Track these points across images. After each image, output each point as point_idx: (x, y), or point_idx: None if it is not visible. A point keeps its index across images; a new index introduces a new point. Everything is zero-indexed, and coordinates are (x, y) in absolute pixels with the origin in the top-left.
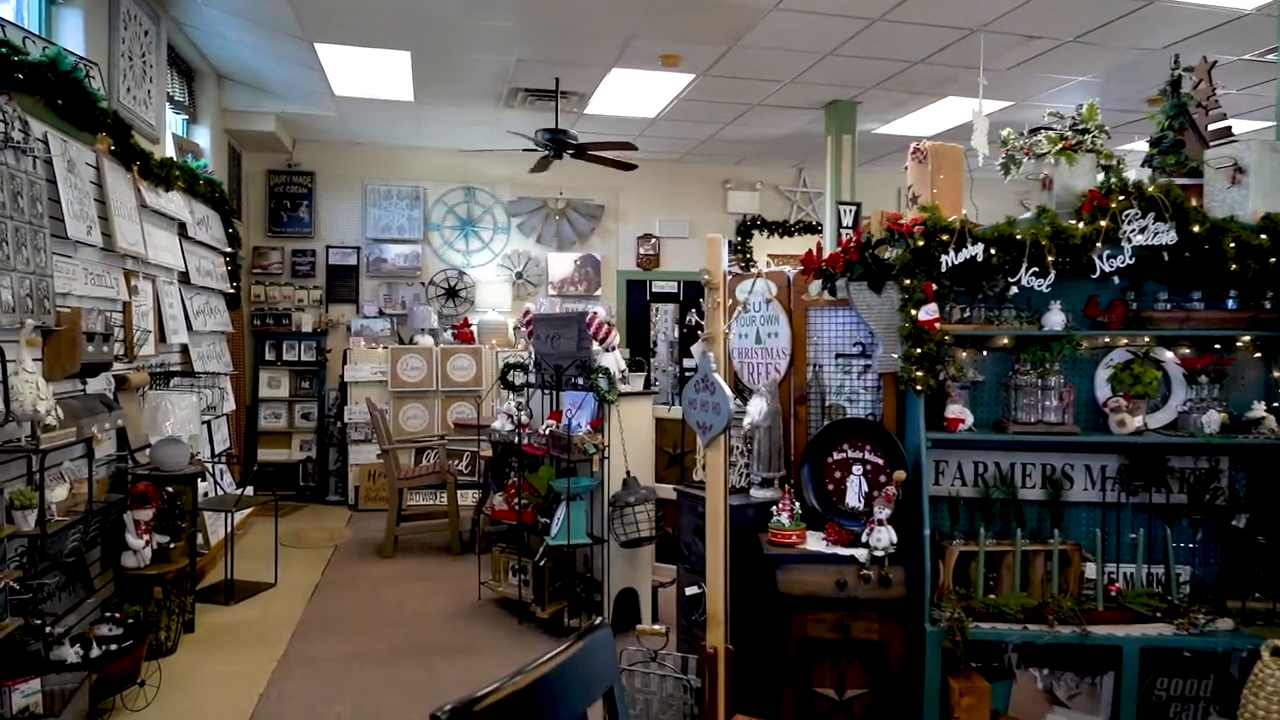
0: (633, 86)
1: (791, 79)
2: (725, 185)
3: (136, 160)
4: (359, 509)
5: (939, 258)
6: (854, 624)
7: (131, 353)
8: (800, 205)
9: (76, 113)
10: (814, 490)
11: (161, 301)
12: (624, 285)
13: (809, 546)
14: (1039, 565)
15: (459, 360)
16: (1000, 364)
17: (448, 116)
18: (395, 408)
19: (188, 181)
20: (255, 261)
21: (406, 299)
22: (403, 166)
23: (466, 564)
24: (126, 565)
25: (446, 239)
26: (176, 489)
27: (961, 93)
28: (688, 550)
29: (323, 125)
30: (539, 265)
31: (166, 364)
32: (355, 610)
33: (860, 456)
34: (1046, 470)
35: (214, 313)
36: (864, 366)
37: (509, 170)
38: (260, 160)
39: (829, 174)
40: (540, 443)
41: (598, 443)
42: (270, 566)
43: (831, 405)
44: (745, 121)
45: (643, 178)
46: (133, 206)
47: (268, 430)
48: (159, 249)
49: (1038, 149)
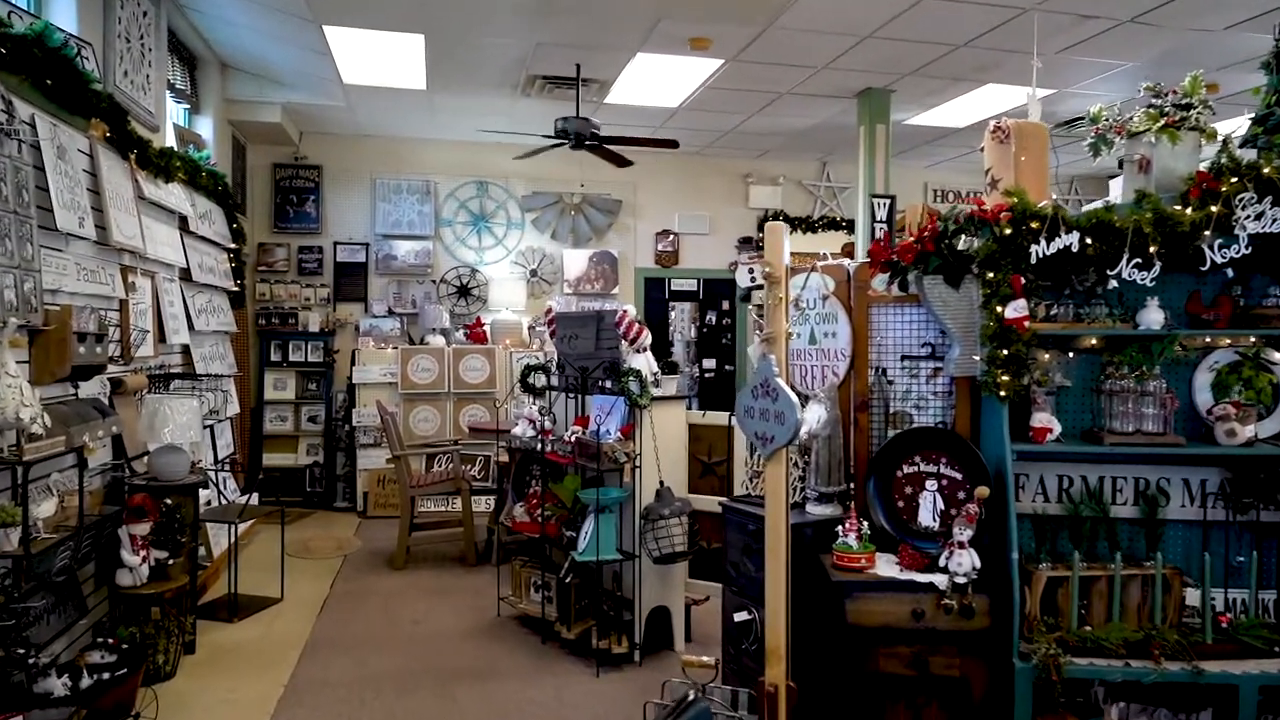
0: (657, 73)
1: (825, 64)
2: (747, 179)
3: (134, 148)
4: (368, 516)
5: (1028, 248)
6: (932, 659)
7: (128, 354)
8: (824, 200)
9: (67, 94)
10: (882, 508)
11: (161, 299)
12: (642, 283)
13: (880, 572)
14: (1134, 592)
15: (471, 361)
16: (1085, 368)
17: (461, 106)
18: (405, 410)
19: (189, 173)
20: (260, 258)
21: (417, 297)
22: (413, 160)
23: (483, 576)
24: (122, 584)
25: (458, 235)
26: (176, 500)
27: (1004, 79)
28: (735, 571)
29: (330, 116)
30: (554, 262)
31: (166, 366)
32: (367, 628)
33: (934, 470)
34: (1139, 485)
35: (217, 312)
36: (933, 369)
37: (523, 163)
38: (265, 153)
39: (861, 166)
40: (565, 450)
41: (629, 451)
42: (276, 579)
43: (897, 413)
44: (772, 111)
45: (661, 171)
46: (130, 198)
47: (273, 434)
48: (158, 244)
49: (1132, 126)
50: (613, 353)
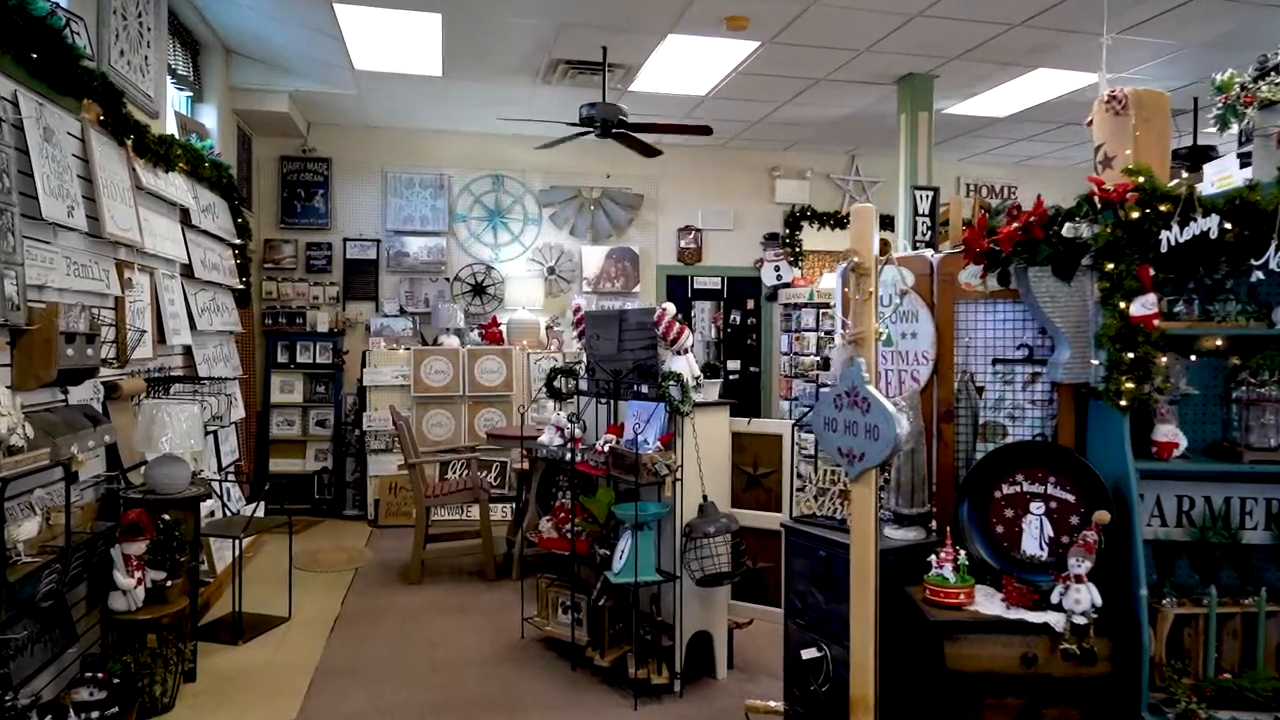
0: (687, 57)
1: (868, 46)
2: (773, 173)
3: (131, 133)
4: (379, 525)
5: (1157, 234)
6: (1046, 711)
7: (124, 356)
8: (853, 195)
9: (55, 71)
10: (979, 534)
11: (161, 297)
12: (664, 281)
13: (982, 609)
14: (1274, 632)
15: (487, 363)
16: (1206, 372)
17: (477, 95)
18: (418, 414)
19: (191, 163)
20: (266, 255)
21: (430, 296)
22: (426, 152)
23: (503, 592)
24: (115, 609)
25: (473, 231)
26: (175, 515)
27: (1058, 63)
28: (800, 601)
29: (340, 106)
30: (573, 260)
31: (166, 368)
32: (381, 652)
33: (1040, 490)
34: (1271, 506)
35: (221, 310)
36: (1031, 374)
37: (541, 156)
38: (272, 145)
39: (902, 157)
40: (598, 461)
41: (670, 462)
42: (284, 594)
43: (987, 424)
44: (805, 100)
45: (684, 165)
46: (126, 187)
47: (280, 439)
48: (158, 237)
49: (1267, 94)
50: (649, 355)
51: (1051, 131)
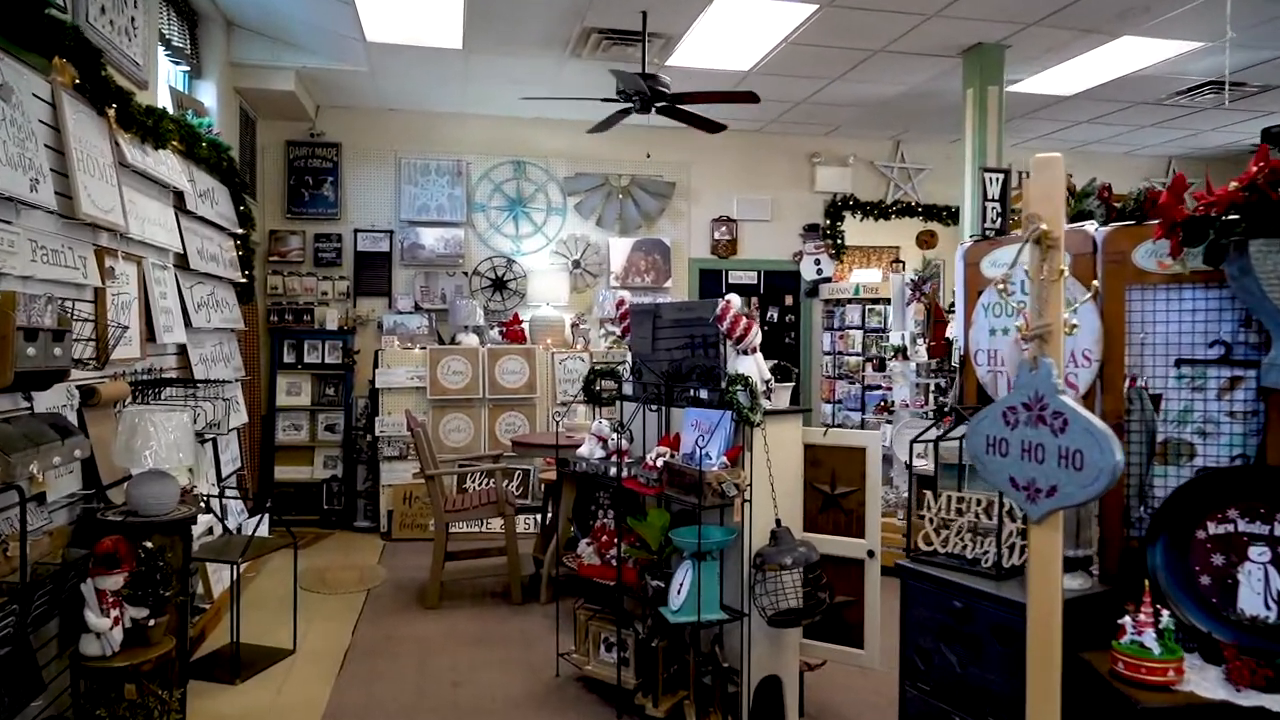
0: (735, 25)
1: (937, 11)
2: (813, 159)
3: (113, 102)
4: (393, 538)
5: None
6: None
7: (104, 356)
8: (898, 183)
9: (15, 18)
10: (1176, 585)
11: (151, 290)
12: (696, 275)
13: (1198, 689)
14: None
15: (509, 363)
16: None
17: (499, 71)
18: (435, 419)
19: (186, 141)
20: (272, 247)
21: (447, 291)
22: (443, 136)
23: (531, 619)
24: (87, 654)
25: (493, 221)
26: (159, 542)
27: (1148, 30)
28: (923, 662)
29: (351, 86)
30: (599, 252)
31: (157, 369)
32: (398, 692)
33: (1264, 531)
34: None
35: (221, 306)
36: (1229, 379)
37: (565, 141)
38: (278, 129)
39: (969, 135)
40: (649, 478)
41: (739, 481)
42: (288, 622)
43: (1167, 441)
44: (858, 75)
45: (718, 151)
46: (108, 163)
47: (286, 444)
48: (146, 222)
49: None
50: (710, 355)
51: (1117, 113)
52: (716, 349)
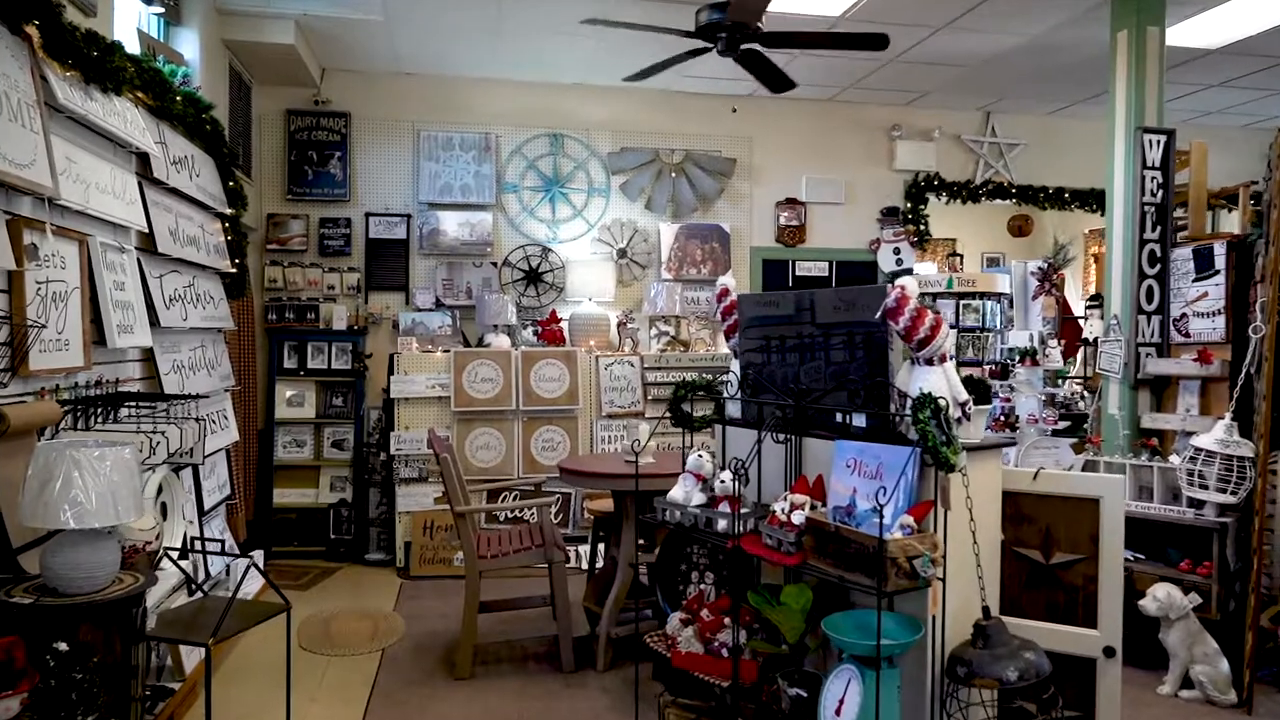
0: None
1: None
2: (892, 134)
3: (36, 18)
4: (411, 576)
5: None
6: None
7: (22, 367)
8: (989, 160)
9: None
10: None
11: (100, 278)
12: (759, 266)
13: None
14: None
15: (545, 369)
16: None
17: (539, 20)
18: (459, 434)
19: (153, 91)
20: (270, 234)
21: (473, 285)
22: (469, 105)
23: (589, 698)
24: None
25: (526, 204)
26: (84, 639)
27: None
28: None
29: (362, 43)
30: (648, 239)
31: (109, 381)
32: None
33: None
34: None
35: (203, 301)
36: None
37: (610, 111)
38: (276, 96)
39: (1120, 88)
40: (784, 541)
41: (934, 553)
42: (280, 702)
43: None
44: (972, 20)
45: (783, 123)
46: (28, 101)
47: (287, 464)
48: (93, 189)
49: None
50: (874, 364)
51: (1259, 73)
52: (883, 356)
